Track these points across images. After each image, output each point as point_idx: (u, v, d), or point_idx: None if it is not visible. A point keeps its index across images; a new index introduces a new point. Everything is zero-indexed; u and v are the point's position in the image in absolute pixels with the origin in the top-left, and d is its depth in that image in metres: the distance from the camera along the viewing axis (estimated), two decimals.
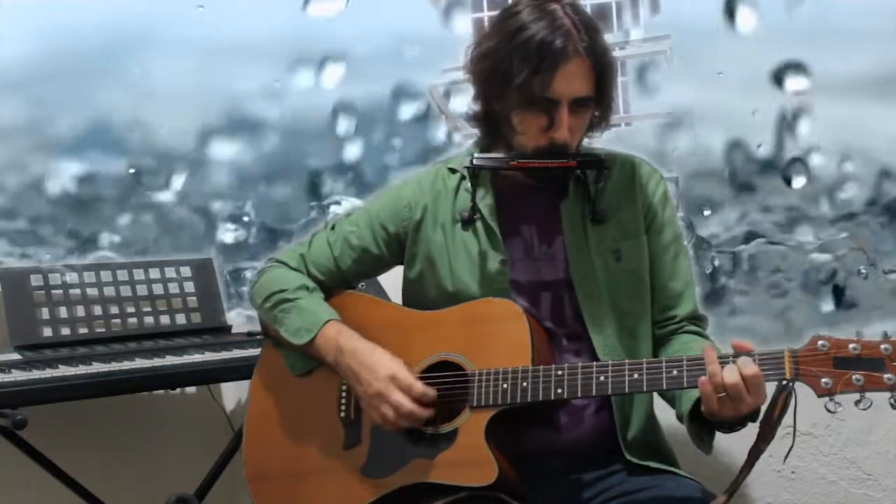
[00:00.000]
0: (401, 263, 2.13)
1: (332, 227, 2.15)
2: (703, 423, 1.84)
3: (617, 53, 2.95)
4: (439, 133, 3.06)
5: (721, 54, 2.81)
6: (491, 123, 2.01)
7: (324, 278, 2.12)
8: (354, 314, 2.06)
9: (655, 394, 2.02)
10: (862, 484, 2.69)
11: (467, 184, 2.04)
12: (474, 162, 1.99)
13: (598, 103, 1.96)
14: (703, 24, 2.81)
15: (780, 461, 2.53)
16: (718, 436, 1.87)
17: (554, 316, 2.00)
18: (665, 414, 2.03)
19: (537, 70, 1.87)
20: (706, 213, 2.88)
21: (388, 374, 1.91)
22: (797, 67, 2.76)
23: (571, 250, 1.99)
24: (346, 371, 1.97)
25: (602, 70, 1.94)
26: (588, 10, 2.97)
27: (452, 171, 2.10)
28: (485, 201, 2.03)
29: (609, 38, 2.93)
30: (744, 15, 2.79)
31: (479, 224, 2.03)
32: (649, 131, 2.88)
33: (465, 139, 2.70)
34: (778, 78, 2.79)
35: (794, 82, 2.77)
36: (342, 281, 2.14)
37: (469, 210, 2.02)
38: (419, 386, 1.90)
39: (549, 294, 2.00)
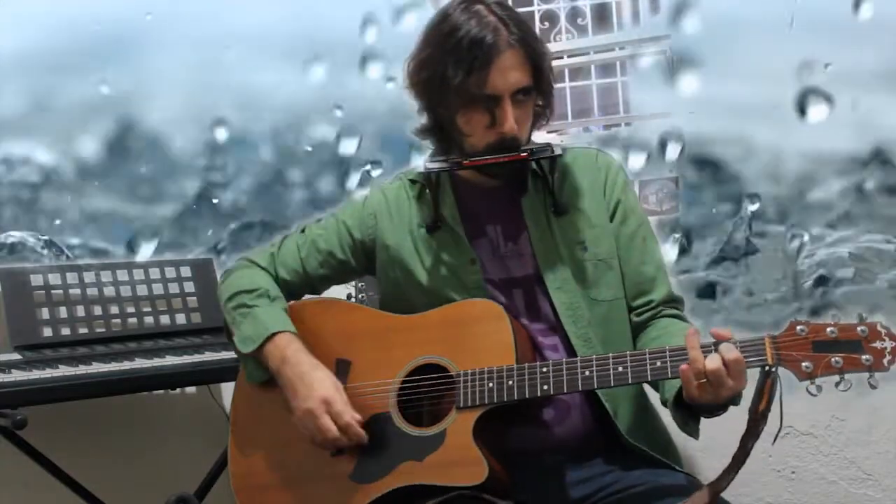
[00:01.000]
0: (368, 272, 2.16)
1: (303, 230, 2.17)
2: (687, 409, 1.85)
3: (617, 53, 2.96)
4: None
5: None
6: (441, 132, 2.02)
7: (290, 280, 2.13)
8: (335, 321, 2.07)
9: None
10: (862, 484, 2.69)
11: (427, 193, 2.06)
12: (428, 167, 2.01)
13: (538, 92, 1.98)
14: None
15: (780, 461, 2.53)
16: (722, 431, 1.87)
17: (529, 311, 2.01)
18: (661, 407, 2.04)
19: (471, 69, 1.90)
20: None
21: (322, 395, 1.92)
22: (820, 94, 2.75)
23: (538, 245, 2.01)
24: (284, 381, 1.98)
25: (536, 58, 1.96)
26: (588, 10, 3.00)
27: (413, 182, 2.12)
28: (447, 207, 2.05)
29: (609, 37, 2.95)
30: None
31: (444, 229, 2.04)
32: (650, 130, 2.87)
33: None
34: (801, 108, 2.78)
35: (816, 111, 2.77)
36: (308, 284, 2.15)
37: (433, 217, 2.04)
38: (346, 417, 1.91)
39: (520, 290, 2.02)
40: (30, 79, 2.94)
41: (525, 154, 1.96)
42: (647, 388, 2.03)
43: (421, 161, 2.15)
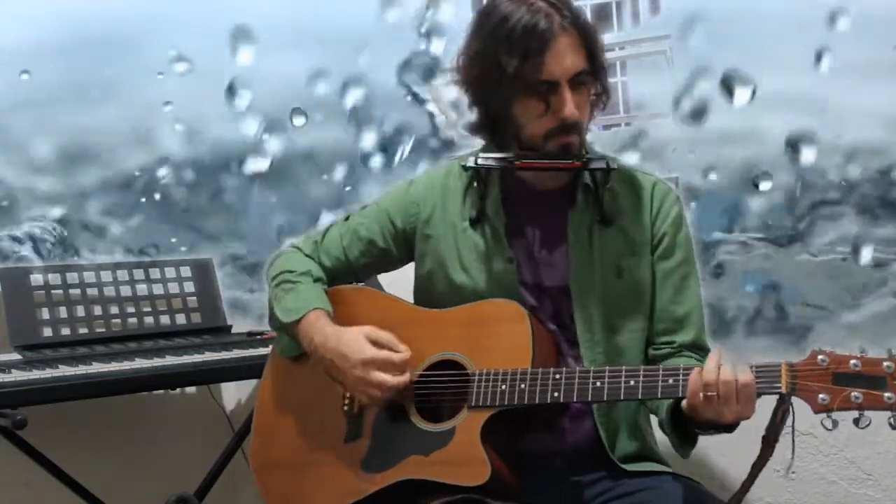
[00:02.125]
0: (410, 260, 2.14)
1: (347, 218, 2.18)
2: (684, 427, 1.83)
3: (617, 53, 2.96)
4: None
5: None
6: (494, 127, 1.99)
7: (333, 268, 2.14)
8: (365, 308, 2.08)
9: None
10: (862, 484, 2.69)
11: (476, 185, 2.04)
12: (478, 162, 1.98)
13: (594, 76, 1.94)
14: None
15: (780, 462, 2.52)
16: (721, 438, 1.84)
17: (555, 320, 2.00)
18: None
19: (526, 56, 1.87)
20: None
21: (361, 359, 1.92)
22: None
23: (575, 261, 1.99)
24: (322, 360, 1.99)
25: (590, 42, 1.93)
26: (588, 10, 3.00)
27: (465, 168, 2.09)
28: (492, 201, 2.03)
29: (609, 37, 2.95)
30: None
31: (486, 223, 2.03)
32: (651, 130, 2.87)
33: (463, 139, 2.69)
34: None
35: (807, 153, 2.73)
36: (350, 272, 2.16)
37: (477, 210, 2.03)
38: (396, 357, 1.92)
39: (548, 299, 2.00)
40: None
41: (580, 164, 1.94)
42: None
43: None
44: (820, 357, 1.65)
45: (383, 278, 2.33)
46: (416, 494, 1.88)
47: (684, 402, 1.75)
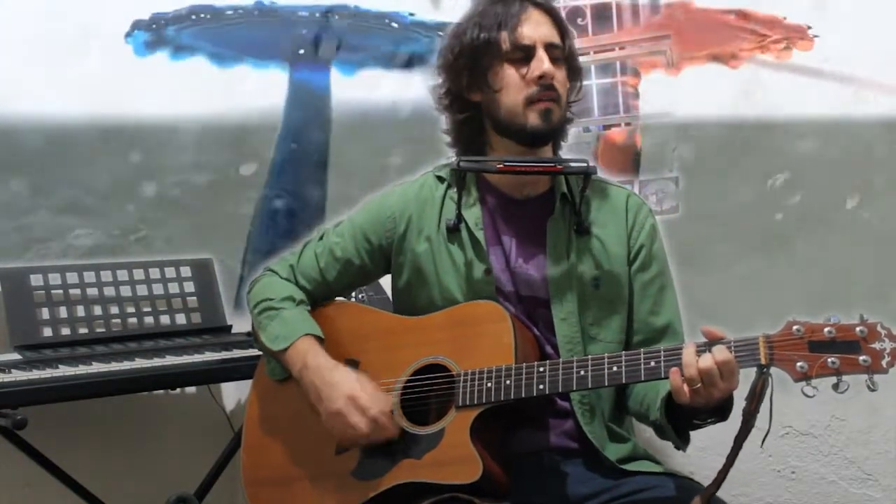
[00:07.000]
0: (388, 273, 2.16)
1: (321, 238, 2.18)
2: (677, 421, 1.85)
3: (617, 53, 2.96)
4: None
5: None
6: (472, 124, 2.04)
7: (311, 288, 2.15)
8: (347, 323, 2.10)
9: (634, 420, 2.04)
10: (862, 484, 2.70)
11: (453, 192, 2.05)
12: (461, 165, 1.99)
13: (566, 63, 2.01)
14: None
15: (780, 461, 2.52)
16: (721, 430, 1.85)
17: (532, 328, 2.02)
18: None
19: (502, 24, 1.96)
20: None
21: (347, 393, 1.93)
22: None
23: (552, 271, 2.01)
24: (308, 386, 1.99)
25: (562, 26, 2.01)
26: (588, 10, 3.00)
27: (440, 179, 2.11)
28: (470, 211, 2.04)
29: (609, 38, 2.95)
30: None
31: (463, 233, 2.04)
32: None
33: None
34: None
35: None
36: (329, 291, 2.17)
37: (454, 218, 2.03)
38: (374, 411, 1.92)
39: (524, 308, 2.02)
40: None
41: (560, 167, 1.97)
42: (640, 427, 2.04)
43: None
44: (795, 327, 1.71)
45: (383, 279, 2.34)
46: (410, 498, 1.89)
47: (674, 397, 1.77)
